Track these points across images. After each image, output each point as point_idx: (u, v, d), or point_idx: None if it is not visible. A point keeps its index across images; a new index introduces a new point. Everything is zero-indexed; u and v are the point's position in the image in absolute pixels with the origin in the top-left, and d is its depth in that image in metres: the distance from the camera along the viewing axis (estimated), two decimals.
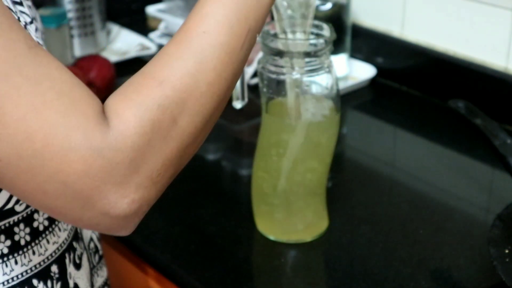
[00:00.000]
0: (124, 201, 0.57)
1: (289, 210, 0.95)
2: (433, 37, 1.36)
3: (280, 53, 0.87)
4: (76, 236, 0.82)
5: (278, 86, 0.90)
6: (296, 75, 0.88)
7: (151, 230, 0.99)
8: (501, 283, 0.80)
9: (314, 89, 0.91)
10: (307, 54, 0.87)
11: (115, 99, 0.59)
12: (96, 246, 0.88)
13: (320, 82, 0.90)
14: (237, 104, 0.94)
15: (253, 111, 1.31)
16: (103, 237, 1.05)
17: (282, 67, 0.88)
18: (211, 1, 0.63)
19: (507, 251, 0.84)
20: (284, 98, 0.89)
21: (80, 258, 0.81)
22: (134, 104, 0.58)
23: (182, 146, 0.61)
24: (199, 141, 0.63)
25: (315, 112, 0.90)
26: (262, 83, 0.91)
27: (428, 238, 0.97)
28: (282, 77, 0.88)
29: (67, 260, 0.78)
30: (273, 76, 0.89)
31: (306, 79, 0.89)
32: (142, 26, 1.66)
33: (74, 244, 0.80)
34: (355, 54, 1.45)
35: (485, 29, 1.27)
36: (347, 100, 1.35)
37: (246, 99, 0.94)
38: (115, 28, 1.62)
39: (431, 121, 1.30)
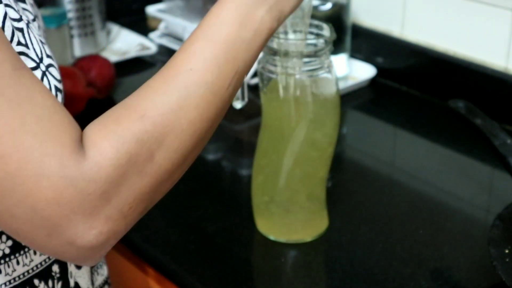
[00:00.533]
0: (92, 233, 0.57)
1: (289, 210, 0.95)
2: (433, 37, 1.36)
3: (280, 53, 0.87)
4: None
5: None
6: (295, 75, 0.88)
7: (151, 230, 0.99)
8: (501, 283, 0.80)
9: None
10: (307, 54, 0.87)
11: (94, 129, 0.59)
12: None
13: None
14: (237, 104, 0.94)
15: (253, 111, 1.31)
16: None
17: (281, 67, 0.88)
18: (201, 38, 0.63)
19: (507, 251, 0.84)
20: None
21: None
22: (112, 136, 0.58)
23: (157, 181, 0.60)
24: (175, 178, 0.63)
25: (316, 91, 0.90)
26: (262, 83, 0.91)
27: (428, 238, 0.97)
28: (281, 77, 0.88)
29: None
30: (273, 76, 0.89)
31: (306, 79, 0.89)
32: (142, 26, 1.66)
33: None
34: (355, 54, 1.45)
35: (485, 29, 1.27)
36: (347, 100, 1.35)
37: (246, 99, 0.94)
38: (115, 28, 1.63)
39: (431, 121, 1.30)
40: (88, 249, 0.58)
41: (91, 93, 1.29)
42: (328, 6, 1.33)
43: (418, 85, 1.38)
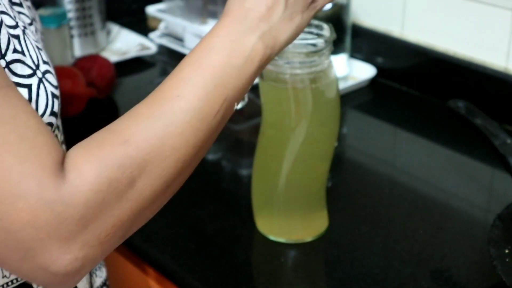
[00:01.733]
0: (66, 258, 0.56)
1: (289, 210, 0.95)
2: (433, 37, 1.36)
3: (279, 53, 0.87)
4: None
5: None
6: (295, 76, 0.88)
7: (151, 230, 0.99)
8: (501, 283, 0.80)
9: None
10: (307, 54, 0.87)
11: (77, 152, 0.58)
12: None
13: None
14: (237, 104, 0.94)
15: (253, 111, 1.31)
16: None
17: (281, 67, 0.88)
18: (190, 65, 0.63)
19: (507, 251, 0.84)
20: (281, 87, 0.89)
21: None
22: (94, 160, 0.57)
23: (137, 208, 0.59)
24: (156, 206, 0.62)
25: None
26: (262, 82, 0.91)
27: (428, 238, 0.97)
28: (281, 77, 0.88)
29: None
30: (273, 76, 0.89)
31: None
32: (142, 26, 1.66)
33: None
34: (355, 54, 1.45)
35: (485, 29, 1.27)
36: (347, 100, 1.35)
37: (246, 99, 0.94)
38: (115, 28, 1.63)
39: (431, 121, 1.30)
40: (61, 275, 0.56)
41: (91, 93, 1.29)
42: (328, 6, 1.33)
43: (418, 85, 1.38)
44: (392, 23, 1.42)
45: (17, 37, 0.65)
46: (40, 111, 0.64)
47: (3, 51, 0.62)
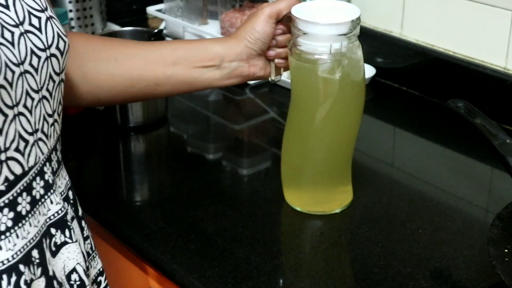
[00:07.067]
0: None
1: (316, 182, 1.00)
2: (432, 37, 1.36)
3: (309, 34, 0.90)
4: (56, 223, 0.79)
5: None
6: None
7: (151, 230, 0.99)
8: (500, 282, 0.80)
9: None
10: (335, 36, 0.89)
11: None
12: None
13: None
14: (274, 79, 0.98)
15: (253, 111, 1.31)
16: (103, 237, 1.06)
17: (310, 46, 0.90)
18: None
19: (506, 250, 0.84)
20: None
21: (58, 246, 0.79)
22: None
23: None
24: None
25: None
26: (292, 57, 0.93)
27: (427, 238, 0.97)
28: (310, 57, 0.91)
29: (44, 245, 0.76)
30: (302, 56, 0.91)
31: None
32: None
33: (52, 230, 0.78)
34: None
35: (485, 29, 1.27)
36: None
37: (281, 75, 0.97)
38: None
39: (431, 121, 1.30)
40: None
41: None
42: None
43: (417, 85, 1.38)
44: (391, 23, 1.42)
45: None
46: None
47: None
